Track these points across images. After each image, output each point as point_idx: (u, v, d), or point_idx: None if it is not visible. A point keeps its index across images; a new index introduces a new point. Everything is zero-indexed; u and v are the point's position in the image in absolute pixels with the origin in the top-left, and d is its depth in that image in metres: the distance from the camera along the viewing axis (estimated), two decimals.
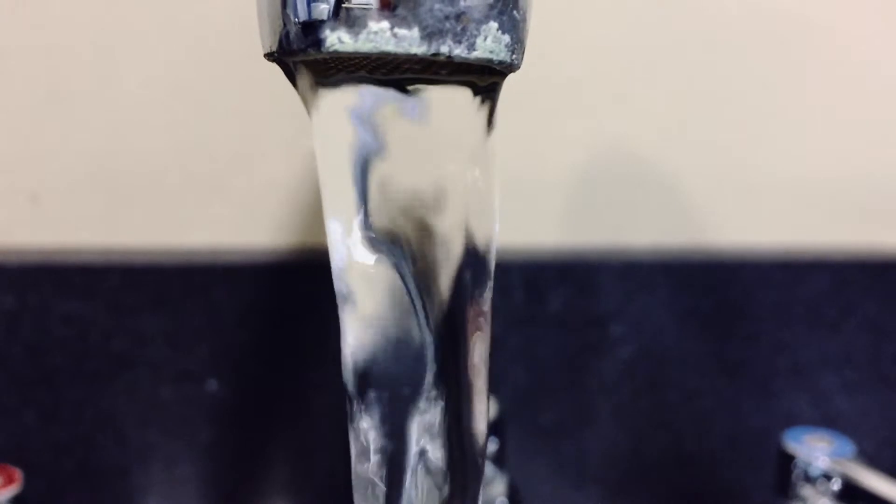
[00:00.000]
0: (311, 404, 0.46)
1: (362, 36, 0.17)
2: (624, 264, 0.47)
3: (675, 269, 0.48)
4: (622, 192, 0.49)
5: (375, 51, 0.18)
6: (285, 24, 0.18)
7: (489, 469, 0.41)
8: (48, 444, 0.43)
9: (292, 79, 0.21)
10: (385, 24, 0.17)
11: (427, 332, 0.21)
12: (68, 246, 0.44)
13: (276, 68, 0.21)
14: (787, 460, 0.40)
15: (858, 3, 0.49)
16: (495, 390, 0.46)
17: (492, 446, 0.41)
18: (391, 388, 0.21)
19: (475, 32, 0.18)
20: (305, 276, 0.45)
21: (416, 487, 0.22)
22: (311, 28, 0.18)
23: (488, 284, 0.22)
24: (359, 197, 0.20)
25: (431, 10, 0.17)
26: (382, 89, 0.20)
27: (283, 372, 0.45)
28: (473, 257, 0.22)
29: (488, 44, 0.18)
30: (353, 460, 0.22)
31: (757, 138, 0.49)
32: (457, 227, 0.21)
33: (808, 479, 0.39)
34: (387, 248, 0.21)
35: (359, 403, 0.22)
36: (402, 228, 0.21)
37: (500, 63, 0.19)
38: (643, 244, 0.49)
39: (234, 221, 0.45)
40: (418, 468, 0.22)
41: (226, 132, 0.44)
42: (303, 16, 0.18)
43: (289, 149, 0.45)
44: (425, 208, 0.21)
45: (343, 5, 0.17)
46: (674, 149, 0.49)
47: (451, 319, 0.22)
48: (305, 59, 0.19)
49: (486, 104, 0.21)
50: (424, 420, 0.22)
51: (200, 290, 0.44)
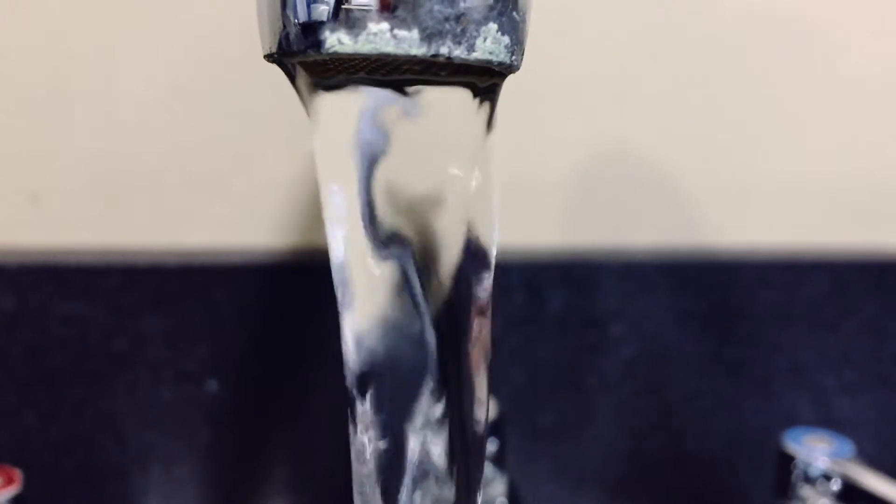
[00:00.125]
0: (311, 404, 0.46)
1: (362, 37, 0.17)
2: (624, 264, 0.47)
3: (674, 270, 0.48)
4: (622, 192, 0.49)
5: (375, 52, 0.18)
6: (285, 26, 0.18)
7: (489, 469, 0.41)
8: (48, 445, 0.43)
9: (292, 80, 0.21)
10: (385, 26, 0.17)
11: (428, 327, 0.21)
12: (68, 246, 0.44)
13: (276, 68, 0.21)
14: (787, 461, 0.40)
15: (858, 3, 0.49)
16: (495, 391, 0.46)
17: (491, 447, 0.41)
18: (392, 385, 0.22)
19: (475, 34, 0.18)
20: (305, 276, 0.45)
21: (416, 485, 0.22)
22: (311, 29, 0.18)
23: (489, 281, 0.22)
24: (358, 197, 0.20)
25: (431, 11, 0.17)
26: (382, 90, 0.20)
27: (283, 372, 0.45)
28: (474, 254, 0.22)
29: (488, 45, 0.18)
30: (353, 458, 0.22)
31: (757, 138, 0.49)
32: (457, 226, 0.21)
33: (808, 479, 0.39)
34: (387, 246, 0.21)
35: (359, 400, 0.22)
36: (403, 227, 0.21)
37: (500, 64, 0.19)
38: (643, 244, 0.49)
39: (234, 221, 0.45)
40: (419, 466, 0.22)
41: (226, 132, 0.44)
42: (302, 17, 0.18)
43: (289, 149, 0.45)
44: (425, 207, 0.21)
45: (343, 6, 0.17)
46: (674, 149, 0.49)
47: (452, 315, 0.22)
48: (305, 60, 0.19)
49: (486, 105, 0.21)
50: (425, 417, 0.22)
51: (200, 290, 0.44)
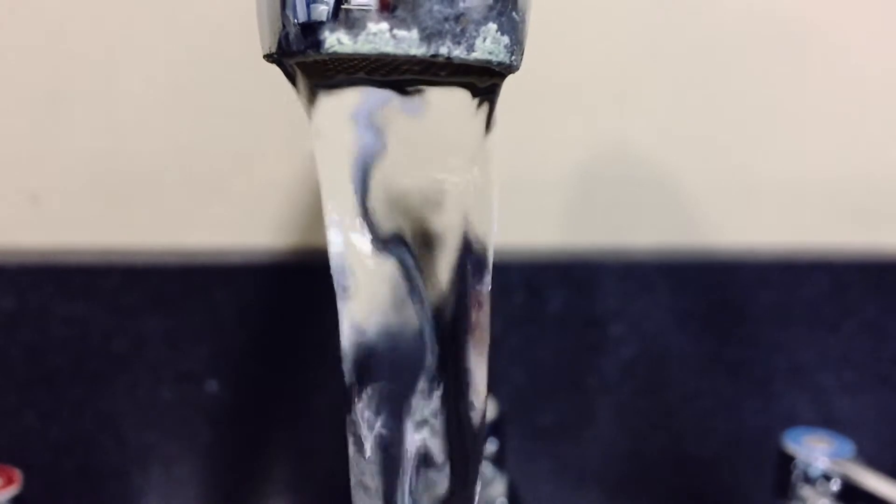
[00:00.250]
0: (311, 405, 0.46)
1: (361, 37, 0.17)
2: (624, 265, 0.47)
3: (674, 270, 0.48)
4: (622, 192, 0.49)
5: (375, 52, 0.18)
6: (285, 26, 0.18)
7: (489, 470, 0.41)
8: (48, 445, 0.43)
9: (292, 80, 0.21)
10: (384, 26, 0.17)
11: (427, 322, 0.22)
12: (68, 246, 0.44)
13: (276, 68, 0.21)
14: (787, 461, 0.40)
15: (858, 3, 0.49)
16: (495, 391, 0.46)
17: (491, 447, 0.41)
18: (390, 378, 0.22)
19: (474, 34, 0.18)
20: (305, 276, 0.45)
21: (414, 479, 0.22)
22: (311, 29, 0.18)
23: (487, 277, 0.23)
24: (358, 196, 0.20)
25: (431, 11, 0.17)
26: (382, 90, 0.20)
27: (282, 372, 0.45)
28: (472, 251, 0.22)
29: (487, 45, 0.18)
30: (351, 451, 0.22)
31: (757, 138, 0.49)
32: (455, 223, 0.21)
33: (808, 479, 0.39)
34: (385, 243, 0.21)
35: (357, 394, 0.22)
36: (402, 224, 0.21)
37: (500, 64, 0.19)
38: (643, 244, 0.49)
39: (233, 222, 0.45)
40: (416, 459, 0.22)
41: (226, 132, 0.44)
42: (302, 17, 0.18)
43: (289, 149, 0.45)
44: (425, 206, 0.21)
45: (342, 7, 0.17)
46: (674, 149, 0.49)
47: (450, 309, 0.22)
48: (305, 60, 0.19)
49: (486, 105, 0.21)
50: (423, 410, 0.22)
51: (200, 290, 0.44)
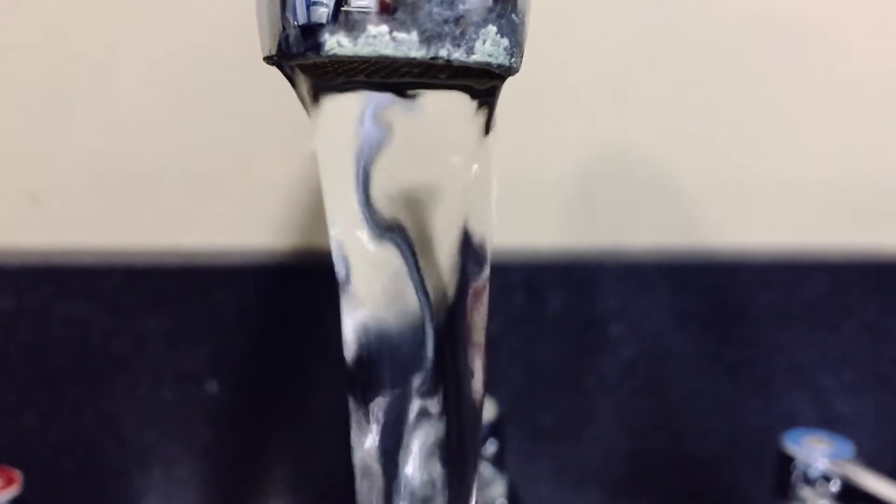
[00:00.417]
0: (310, 405, 0.46)
1: (361, 39, 0.17)
2: (624, 265, 0.47)
3: (674, 270, 0.48)
4: (622, 193, 0.49)
5: (374, 54, 0.18)
6: (284, 28, 0.18)
7: (489, 470, 0.41)
8: (48, 446, 0.43)
9: (292, 82, 0.21)
10: (384, 28, 0.17)
11: (426, 316, 0.22)
12: (68, 247, 0.44)
13: (275, 69, 0.21)
14: (787, 461, 0.40)
15: (858, 3, 0.49)
16: (495, 391, 0.46)
17: (491, 447, 0.41)
18: (391, 371, 0.22)
19: (474, 36, 0.18)
20: (305, 277, 0.45)
21: (414, 471, 0.22)
22: (311, 31, 0.18)
23: (486, 273, 0.23)
24: (360, 195, 0.21)
25: (430, 13, 0.17)
26: (381, 93, 0.20)
27: (283, 373, 0.45)
28: (471, 247, 0.22)
29: (487, 47, 0.18)
30: (353, 443, 0.23)
31: (757, 138, 0.49)
32: (454, 220, 0.22)
33: (808, 480, 0.39)
34: (385, 239, 0.21)
35: (359, 386, 0.22)
36: (401, 222, 0.21)
37: (499, 66, 0.19)
38: (643, 245, 0.49)
39: (233, 222, 0.45)
40: (417, 453, 0.22)
41: (226, 132, 0.44)
42: (302, 19, 0.18)
43: (289, 149, 0.45)
44: (423, 205, 0.21)
45: (342, 9, 0.17)
46: (674, 149, 0.49)
47: (449, 304, 0.22)
48: (304, 62, 0.19)
49: (485, 107, 0.21)
50: (422, 403, 0.22)
51: (200, 291, 0.44)
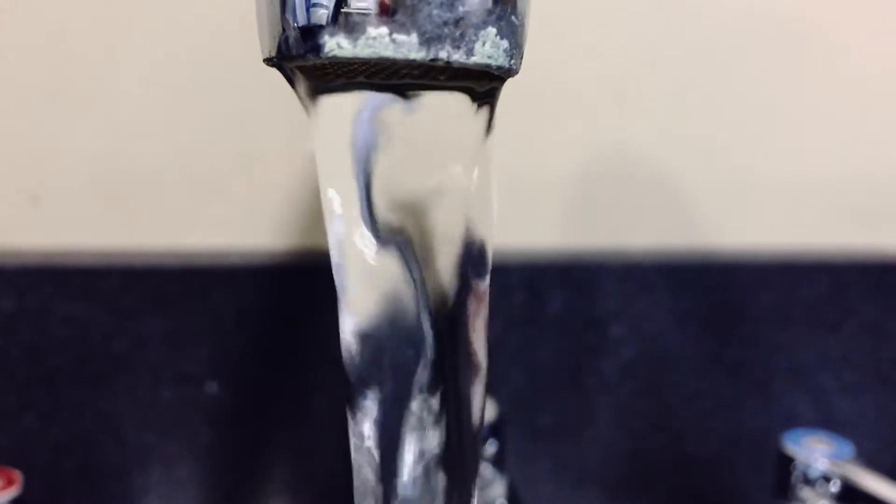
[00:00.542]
0: (310, 406, 0.46)
1: (361, 41, 0.17)
2: (624, 265, 0.47)
3: (674, 271, 0.48)
4: (622, 193, 0.49)
5: (374, 56, 0.18)
6: (284, 30, 0.18)
7: (489, 471, 0.41)
8: (48, 446, 0.43)
9: (291, 83, 0.21)
10: (384, 30, 0.17)
11: (426, 317, 0.22)
12: (68, 247, 0.44)
13: (275, 70, 0.21)
14: (787, 462, 0.40)
15: (858, 3, 0.49)
16: (495, 391, 0.46)
17: (491, 448, 0.41)
18: (390, 373, 0.22)
19: (474, 38, 0.18)
20: (305, 277, 0.45)
21: (413, 476, 0.22)
22: (311, 33, 0.18)
23: (486, 275, 0.23)
24: (359, 197, 0.21)
25: (430, 15, 0.17)
26: (381, 94, 0.20)
27: (282, 373, 0.45)
28: (472, 249, 0.22)
29: (487, 49, 0.18)
30: (352, 448, 0.22)
31: (757, 138, 0.49)
32: (455, 221, 0.22)
33: (808, 480, 0.39)
34: (385, 242, 0.21)
35: (359, 391, 0.22)
36: (401, 224, 0.21)
37: (499, 68, 0.19)
38: (643, 245, 0.49)
39: (233, 223, 0.45)
40: (417, 455, 0.22)
41: (226, 132, 0.44)
42: (302, 21, 0.18)
43: (289, 149, 0.45)
44: (425, 206, 0.21)
45: (342, 10, 0.17)
46: (674, 149, 0.49)
47: (449, 307, 0.22)
48: (304, 64, 0.19)
49: (485, 109, 0.21)
50: (422, 406, 0.22)
51: (200, 291, 0.44)
